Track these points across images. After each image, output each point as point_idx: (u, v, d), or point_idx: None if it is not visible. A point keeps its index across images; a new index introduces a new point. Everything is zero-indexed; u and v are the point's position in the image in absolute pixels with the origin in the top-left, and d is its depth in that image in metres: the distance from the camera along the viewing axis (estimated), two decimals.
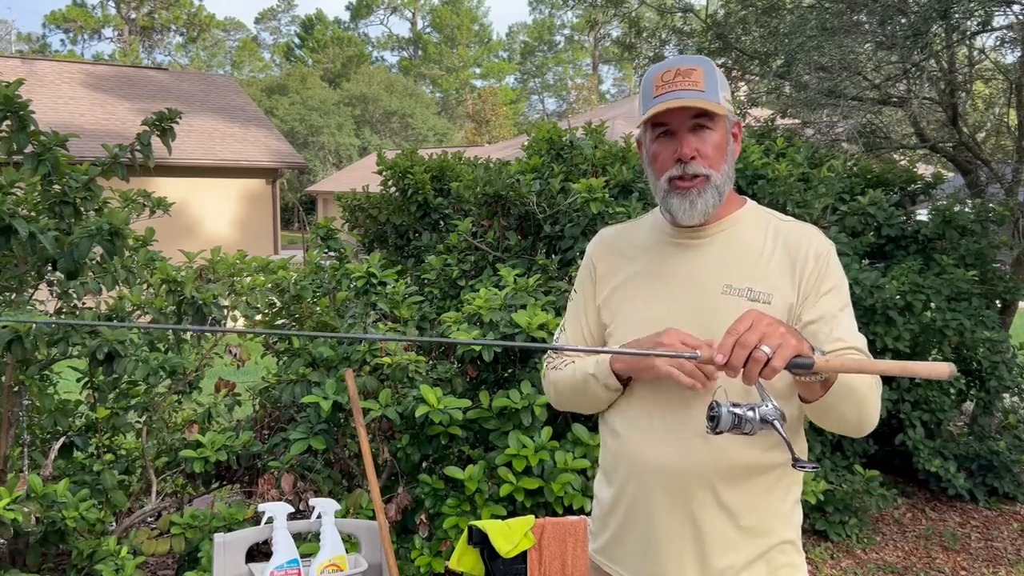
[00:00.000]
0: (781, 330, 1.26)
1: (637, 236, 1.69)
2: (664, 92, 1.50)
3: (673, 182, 1.53)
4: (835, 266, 1.56)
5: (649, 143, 1.58)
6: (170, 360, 3.38)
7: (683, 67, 1.51)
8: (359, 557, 2.97)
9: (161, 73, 19.02)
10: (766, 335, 1.25)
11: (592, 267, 1.72)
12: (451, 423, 3.25)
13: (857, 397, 1.42)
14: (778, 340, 1.25)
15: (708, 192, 1.52)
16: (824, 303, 1.51)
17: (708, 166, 1.51)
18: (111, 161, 3.31)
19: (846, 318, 1.52)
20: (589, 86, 48.21)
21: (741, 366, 1.26)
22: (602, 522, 1.69)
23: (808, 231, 1.59)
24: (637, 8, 7.73)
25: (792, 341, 1.26)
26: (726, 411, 1.30)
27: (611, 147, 4.60)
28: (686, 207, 1.53)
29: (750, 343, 1.25)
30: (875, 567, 4.01)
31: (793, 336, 1.27)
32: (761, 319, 1.27)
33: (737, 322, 1.28)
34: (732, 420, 1.30)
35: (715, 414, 1.31)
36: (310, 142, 35.93)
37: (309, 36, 52.70)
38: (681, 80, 1.50)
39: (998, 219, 4.93)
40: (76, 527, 2.91)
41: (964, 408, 5.53)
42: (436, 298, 4.38)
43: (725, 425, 1.31)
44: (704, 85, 1.49)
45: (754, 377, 1.27)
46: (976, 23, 5.15)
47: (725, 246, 1.58)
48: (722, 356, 1.27)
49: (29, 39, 49.50)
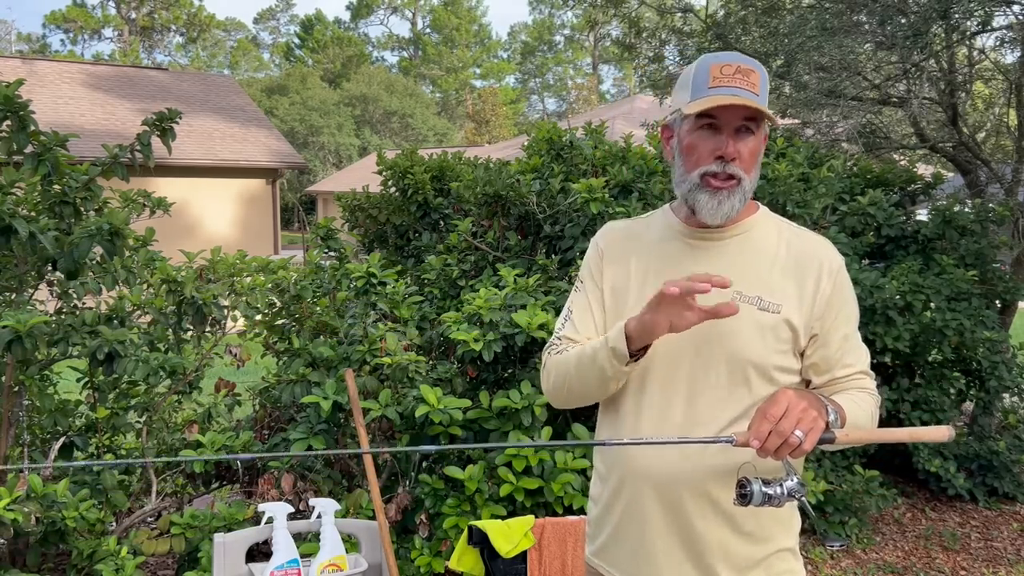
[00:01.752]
0: (813, 415, 1.30)
1: (648, 231, 1.65)
2: (722, 85, 1.46)
3: (706, 178, 1.50)
4: (847, 283, 1.57)
5: (686, 133, 1.53)
6: (170, 360, 3.38)
7: (744, 66, 1.48)
8: (359, 557, 2.97)
9: (161, 73, 19.02)
10: (800, 421, 1.29)
11: (599, 255, 1.67)
12: (451, 423, 3.25)
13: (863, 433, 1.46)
14: (810, 424, 1.29)
15: (737, 195, 1.51)
16: (838, 327, 1.53)
17: (744, 170, 1.50)
18: (111, 161, 3.31)
19: (855, 339, 1.57)
20: (589, 86, 48.19)
21: (774, 450, 1.30)
22: (598, 525, 1.68)
23: (821, 245, 1.58)
24: (637, 8, 7.73)
25: (821, 423, 1.31)
26: (758, 490, 1.33)
27: (611, 147, 4.60)
28: (713, 206, 1.50)
29: (785, 431, 1.28)
30: (875, 567, 4.01)
31: (820, 415, 1.32)
32: (796, 405, 1.30)
33: (772, 405, 1.31)
34: (763, 498, 1.33)
35: (747, 492, 1.34)
36: (310, 142, 35.92)
37: (309, 36, 52.69)
38: (741, 78, 1.47)
39: (998, 219, 4.93)
40: (76, 527, 2.91)
41: (964, 408, 5.53)
42: (436, 298, 4.38)
43: (756, 502, 1.34)
44: (760, 89, 1.48)
45: (783, 457, 1.31)
46: (976, 23, 5.15)
47: (738, 251, 1.56)
48: (758, 442, 1.30)
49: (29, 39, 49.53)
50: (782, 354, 1.50)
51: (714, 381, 1.50)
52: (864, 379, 1.56)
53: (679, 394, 1.52)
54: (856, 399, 1.50)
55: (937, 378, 4.80)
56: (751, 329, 1.49)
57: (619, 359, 1.47)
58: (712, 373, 1.50)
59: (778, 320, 1.49)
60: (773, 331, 1.49)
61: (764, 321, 1.49)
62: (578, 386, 1.58)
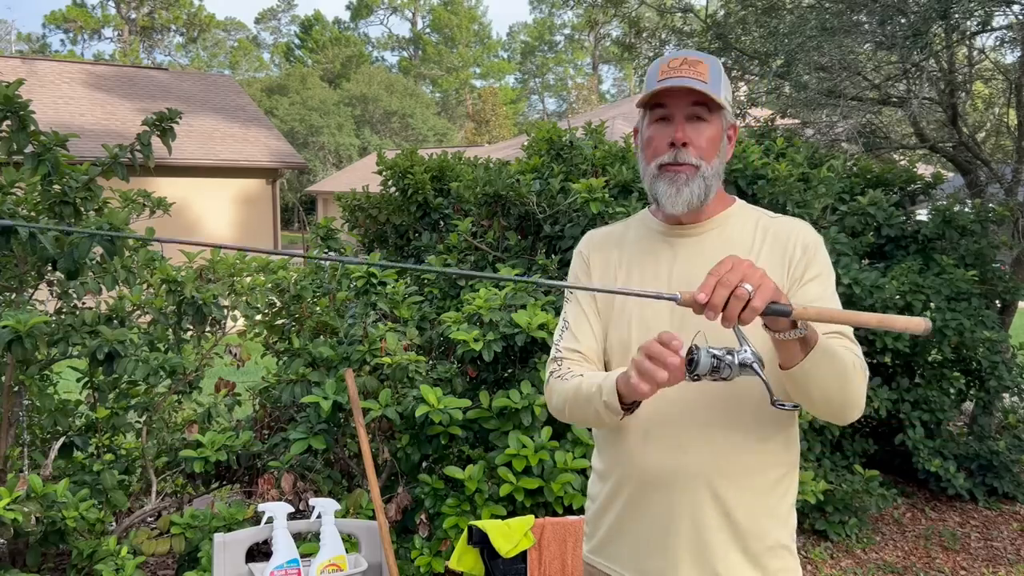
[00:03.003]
0: (760, 272, 1.26)
1: (627, 234, 1.69)
2: (669, 77, 1.51)
3: (663, 168, 1.53)
4: (823, 257, 1.55)
5: (645, 127, 1.58)
6: (170, 360, 3.38)
7: (691, 58, 1.53)
8: (359, 557, 2.97)
9: (161, 73, 19.02)
10: (747, 275, 1.25)
11: (585, 263, 1.71)
12: (451, 423, 3.25)
13: (838, 364, 1.39)
14: (758, 280, 1.25)
15: (695, 182, 1.52)
16: (810, 289, 1.51)
17: (699, 156, 1.52)
18: (111, 161, 3.31)
19: (833, 305, 1.52)
20: (589, 86, 48.21)
21: (722, 304, 1.25)
22: (596, 522, 1.69)
23: (796, 224, 1.59)
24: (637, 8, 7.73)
25: (771, 283, 1.26)
26: (705, 353, 1.29)
27: (611, 147, 4.61)
28: (672, 193, 1.52)
29: (731, 282, 1.24)
30: (875, 567, 4.01)
31: (773, 281, 1.28)
32: (741, 261, 1.27)
33: (718, 264, 1.28)
34: (711, 363, 1.29)
35: (694, 357, 1.29)
36: (310, 142, 35.93)
37: (308, 37, 52.71)
38: (688, 68, 1.51)
39: (998, 219, 4.93)
40: (76, 527, 2.91)
41: (964, 408, 5.53)
42: (436, 298, 4.38)
43: (704, 369, 1.29)
44: (708, 78, 1.51)
45: (734, 316, 1.25)
46: (976, 23, 5.15)
47: (716, 242, 1.58)
48: (704, 295, 1.25)
49: (29, 39, 49.52)
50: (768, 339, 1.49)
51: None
52: (845, 340, 1.48)
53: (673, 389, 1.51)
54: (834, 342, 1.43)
55: (937, 378, 4.80)
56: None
57: (613, 412, 1.48)
58: None
59: None
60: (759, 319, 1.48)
61: None
62: (579, 417, 1.60)
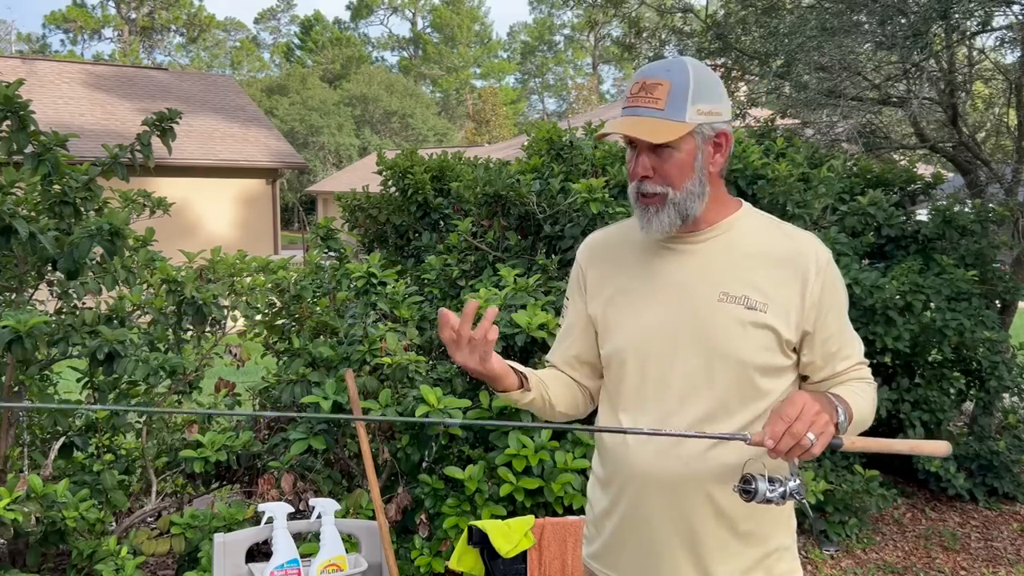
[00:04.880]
0: (825, 418, 1.31)
1: (628, 240, 1.65)
2: (628, 106, 1.49)
3: (637, 196, 1.54)
4: (837, 277, 1.56)
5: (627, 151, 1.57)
6: (170, 360, 3.38)
7: (649, 81, 1.47)
8: (359, 557, 2.97)
9: (161, 73, 19.01)
10: (814, 424, 1.30)
11: (582, 275, 1.69)
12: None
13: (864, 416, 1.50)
14: (822, 428, 1.31)
15: (665, 211, 1.50)
16: (831, 321, 1.53)
17: (664, 184, 1.49)
18: (111, 161, 3.31)
19: (848, 331, 1.58)
20: (589, 86, 48.19)
21: (786, 452, 1.30)
22: (596, 527, 1.68)
23: (805, 240, 1.55)
24: (637, 8, 7.73)
25: (832, 428, 1.33)
26: (763, 488, 1.35)
27: (611, 147, 4.60)
28: (645, 223, 1.53)
29: (799, 433, 1.29)
30: (875, 567, 4.01)
31: (832, 417, 1.35)
32: (810, 407, 1.31)
33: (788, 406, 1.31)
34: (765, 498, 1.35)
35: (751, 489, 1.36)
36: (310, 142, 35.93)
37: (308, 37, 52.71)
38: (644, 96, 1.46)
39: (998, 219, 4.93)
40: (76, 527, 2.91)
41: (964, 408, 5.53)
42: (436, 298, 4.38)
43: (758, 499, 1.36)
44: (666, 102, 1.44)
45: (793, 457, 1.32)
46: (976, 23, 5.15)
47: (721, 251, 1.55)
48: (772, 442, 1.30)
49: (29, 39, 49.52)
50: (771, 352, 1.50)
51: (706, 382, 1.50)
52: (862, 368, 1.59)
53: (673, 397, 1.52)
54: (858, 390, 1.52)
55: (937, 378, 4.79)
56: (738, 328, 1.49)
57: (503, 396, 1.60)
58: (703, 375, 1.50)
59: (765, 319, 1.49)
60: (760, 330, 1.49)
61: (751, 320, 1.49)
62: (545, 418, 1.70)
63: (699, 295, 1.52)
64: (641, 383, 1.55)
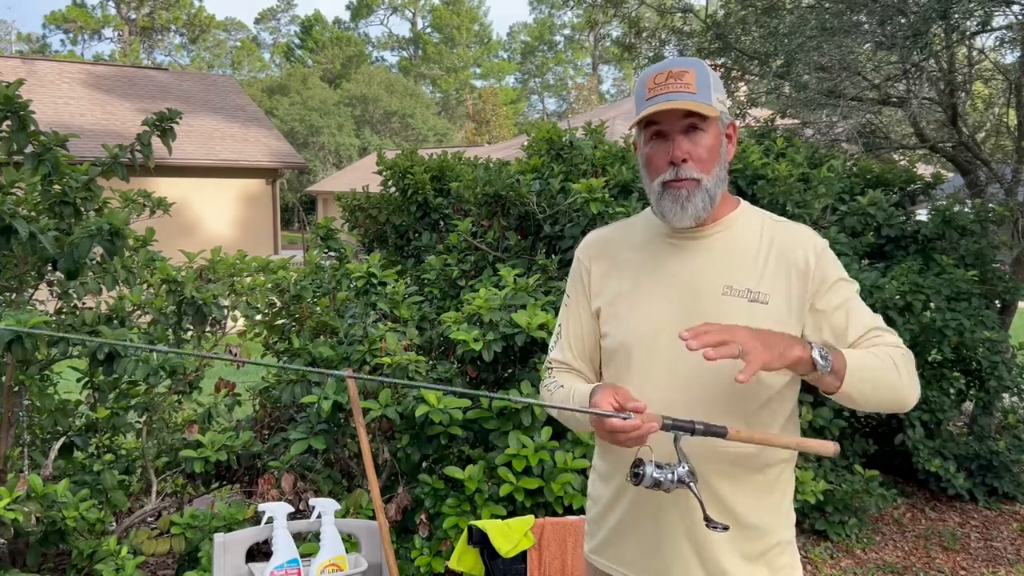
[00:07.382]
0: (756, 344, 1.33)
1: (631, 236, 1.68)
2: (656, 94, 1.50)
3: (666, 185, 1.53)
4: (833, 258, 1.58)
5: (643, 145, 1.58)
6: (170, 360, 3.38)
7: (675, 69, 1.51)
8: (359, 557, 2.97)
9: (161, 73, 19.01)
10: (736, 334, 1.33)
11: (585, 271, 1.70)
12: (451, 423, 3.25)
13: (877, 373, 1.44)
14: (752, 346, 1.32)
15: (698, 195, 1.52)
16: (836, 294, 1.53)
17: (700, 170, 1.52)
18: (111, 161, 3.31)
19: (857, 303, 1.56)
20: (589, 86, 48.20)
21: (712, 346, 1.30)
22: (599, 522, 1.69)
23: (801, 231, 1.60)
24: (637, 8, 7.73)
25: (765, 355, 1.33)
26: (650, 472, 1.39)
27: (611, 147, 4.60)
28: (677, 210, 1.53)
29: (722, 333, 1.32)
30: (875, 567, 4.01)
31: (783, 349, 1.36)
32: (740, 328, 1.34)
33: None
34: (652, 481, 1.39)
35: (639, 472, 1.39)
36: (310, 142, 35.94)
37: (308, 37, 52.70)
38: (673, 82, 1.50)
39: (998, 219, 4.93)
40: (76, 527, 2.91)
41: (964, 408, 5.53)
42: (436, 298, 4.38)
43: (647, 483, 1.39)
44: (696, 87, 1.49)
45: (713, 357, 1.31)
46: (976, 23, 5.15)
47: (723, 247, 1.57)
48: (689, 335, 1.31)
49: (29, 39, 49.52)
50: None
51: (710, 374, 1.50)
52: (883, 335, 1.53)
53: (677, 389, 1.53)
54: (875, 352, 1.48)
55: (937, 378, 4.80)
56: (743, 321, 1.49)
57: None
58: (708, 368, 1.49)
59: (769, 309, 1.51)
60: (766, 321, 1.49)
61: (756, 312, 1.50)
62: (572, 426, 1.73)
63: (704, 289, 1.54)
64: (646, 375, 1.56)
